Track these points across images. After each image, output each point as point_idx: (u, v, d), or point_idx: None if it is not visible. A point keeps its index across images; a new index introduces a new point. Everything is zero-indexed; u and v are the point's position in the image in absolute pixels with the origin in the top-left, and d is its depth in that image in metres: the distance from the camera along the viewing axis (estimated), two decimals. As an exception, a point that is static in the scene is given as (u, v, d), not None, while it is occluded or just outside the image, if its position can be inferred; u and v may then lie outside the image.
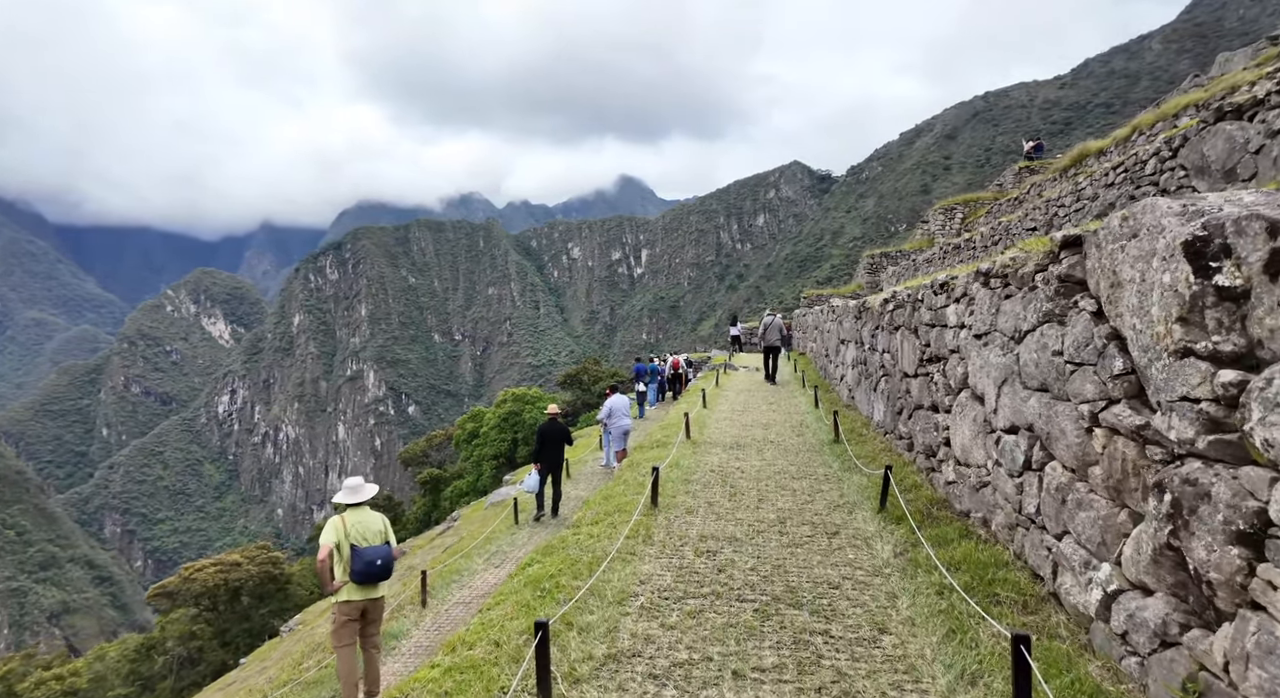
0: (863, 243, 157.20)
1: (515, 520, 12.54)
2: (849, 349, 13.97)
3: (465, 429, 49.04)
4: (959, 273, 6.62)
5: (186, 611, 41.15)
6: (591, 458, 18.33)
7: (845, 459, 8.80)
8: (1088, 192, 12.65)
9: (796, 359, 24.33)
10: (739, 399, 15.78)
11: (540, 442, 11.77)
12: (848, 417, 11.59)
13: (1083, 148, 20.39)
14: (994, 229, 18.03)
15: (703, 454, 9.63)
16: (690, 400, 16.35)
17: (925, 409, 7.41)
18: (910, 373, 8.05)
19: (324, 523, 8.72)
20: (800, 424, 12.14)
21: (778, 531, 6.08)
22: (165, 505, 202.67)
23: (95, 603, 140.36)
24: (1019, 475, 4.81)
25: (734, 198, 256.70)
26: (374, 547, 5.88)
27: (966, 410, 5.96)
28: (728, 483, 7.84)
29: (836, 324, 16.41)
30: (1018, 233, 16.29)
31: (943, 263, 22.73)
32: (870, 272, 36.77)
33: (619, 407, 14.53)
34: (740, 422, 12.59)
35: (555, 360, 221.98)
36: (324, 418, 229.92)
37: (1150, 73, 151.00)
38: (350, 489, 6.34)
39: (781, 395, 16.37)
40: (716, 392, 17.38)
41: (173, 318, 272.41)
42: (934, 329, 7.09)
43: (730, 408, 14.39)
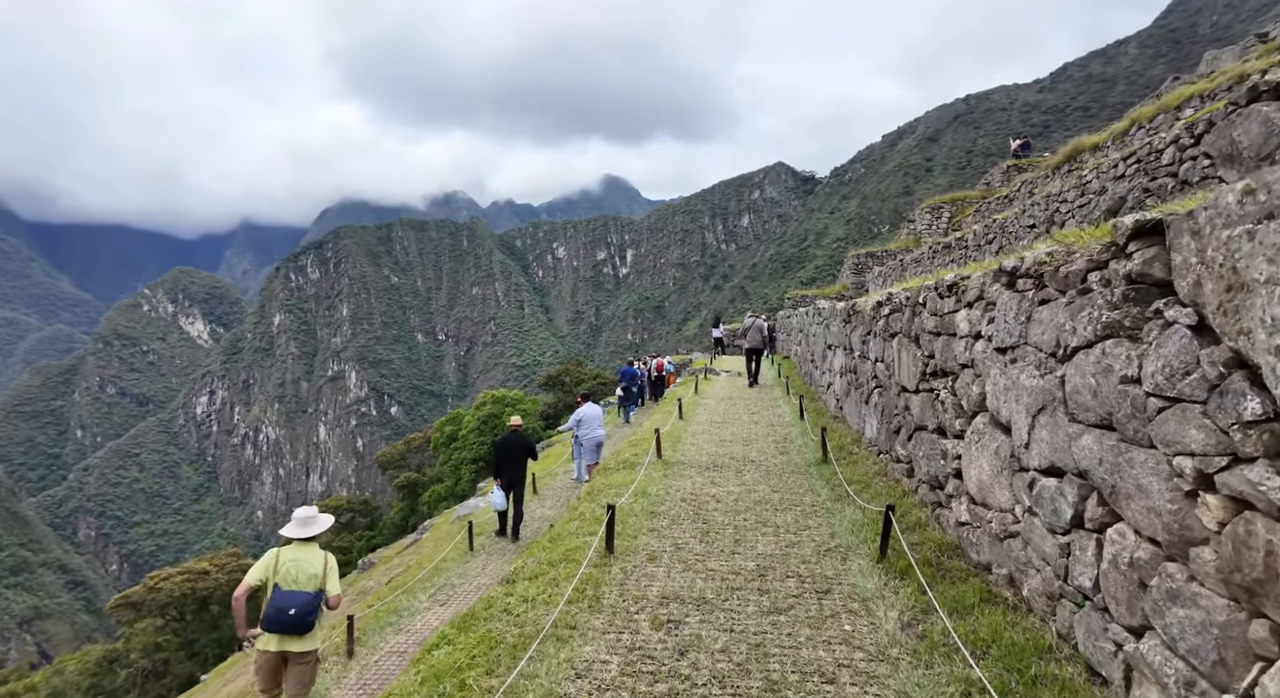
0: (846, 244, 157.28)
1: (470, 546, 11.39)
2: (837, 355, 12.85)
3: (444, 432, 47.85)
4: (969, 272, 5.57)
5: (152, 621, 39.58)
6: (563, 470, 17.20)
7: (835, 484, 7.72)
8: (1094, 185, 11.71)
9: (780, 363, 23.21)
10: (719, 408, 14.71)
11: (500, 456, 10.93)
12: (835, 431, 10.58)
13: (1077, 143, 19.58)
14: (988, 227, 17.12)
15: (674, 478, 8.56)
16: (666, 409, 15.28)
17: (929, 432, 6.34)
18: (910, 388, 6.97)
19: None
20: (784, 439, 11.11)
21: (757, 587, 4.96)
22: (141, 508, 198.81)
23: (69, 608, 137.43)
24: (1064, 533, 3.73)
25: (719, 198, 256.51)
26: (294, 592, 5.08)
27: (985, 439, 4.88)
28: (700, 517, 6.73)
29: (823, 328, 15.23)
30: (1014, 231, 15.36)
31: (932, 263, 21.80)
32: (855, 272, 35.92)
33: (591, 416, 13.53)
34: (719, 436, 11.53)
35: (540, 361, 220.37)
36: (305, 419, 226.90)
37: (1127, 77, 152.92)
38: (300, 522, 5.57)
39: (764, 404, 15.34)
40: (695, 399, 16.34)
41: (149, 317, 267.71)
42: (939, 338, 6.03)
43: (709, 419, 13.33)
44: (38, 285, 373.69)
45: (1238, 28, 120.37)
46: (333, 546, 43.61)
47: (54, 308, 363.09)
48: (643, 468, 8.83)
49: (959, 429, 5.52)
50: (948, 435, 5.83)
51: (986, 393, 4.90)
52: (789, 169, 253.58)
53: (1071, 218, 12.42)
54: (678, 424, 12.63)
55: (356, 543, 44.14)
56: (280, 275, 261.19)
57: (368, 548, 39.62)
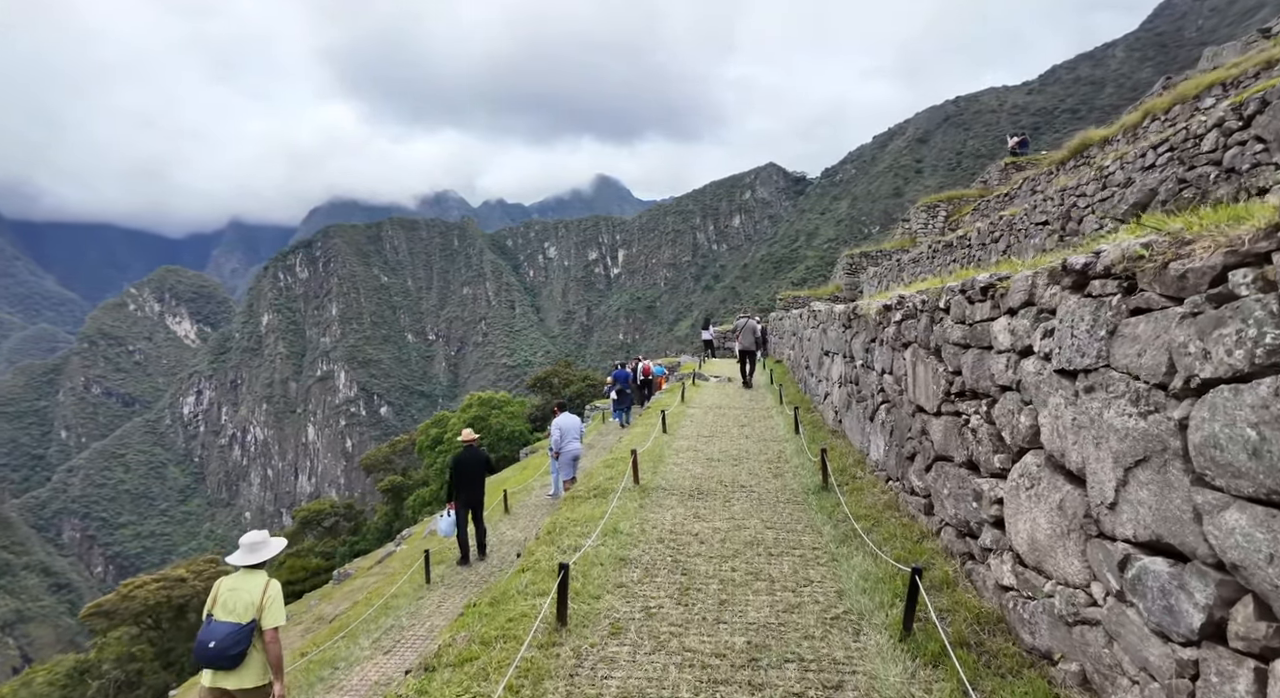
0: (837, 244, 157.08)
1: (426, 578, 10.30)
2: (835, 363, 11.73)
3: (429, 435, 46.68)
4: (1009, 271, 4.46)
5: (127, 630, 38.29)
6: (540, 484, 16.10)
7: (839, 519, 6.66)
8: (1117, 177, 10.64)
9: (773, 368, 22.02)
10: (706, 420, 13.56)
11: (455, 475, 10.28)
12: (835, 448, 9.52)
13: (1084, 137, 18.75)
14: (994, 225, 16.01)
15: (653, 508, 7.44)
16: (649, 421, 14.11)
17: (956, 465, 5.24)
18: (929, 409, 5.87)
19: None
20: (778, 457, 9.99)
21: (747, 680, 3.78)
22: (127, 510, 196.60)
23: (52, 611, 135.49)
24: (1187, 645, 2.62)
25: (710, 199, 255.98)
26: (218, 624, 4.77)
27: (1042, 488, 3.78)
28: (680, 565, 5.63)
29: (819, 333, 14.06)
30: (1023, 228, 14.21)
31: (932, 263, 20.76)
32: (849, 272, 34.97)
33: (568, 428, 12.65)
34: (705, 454, 10.41)
35: (531, 361, 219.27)
36: (293, 419, 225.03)
37: (1115, 80, 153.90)
38: (247, 548, 5.19)
39: (755, 414, 14.19)
40: (681, 409, 15.14)
41: (136, 317, 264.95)
42: (968, 352, 4.93)
43: (695, 433, 12.20)
44: (22, 284, 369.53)
45: (1223, 31, 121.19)
46: (316, 551, 42.46)
47: (38, 307, 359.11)
48: (616, 495, 7.75)
49: (998, 467, 4.41)
50: (982, 472, 4.72)
51: (1042, 427, 3.79)
52: (780, 170, 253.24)
53: (1091, 213, 11.42)
54: (660, 439, 11.59)
55: (340, 548, 43.06)
56: (269, 275, 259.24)
57: (351, 554, 38.61)
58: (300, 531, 46.82)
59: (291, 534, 46.73)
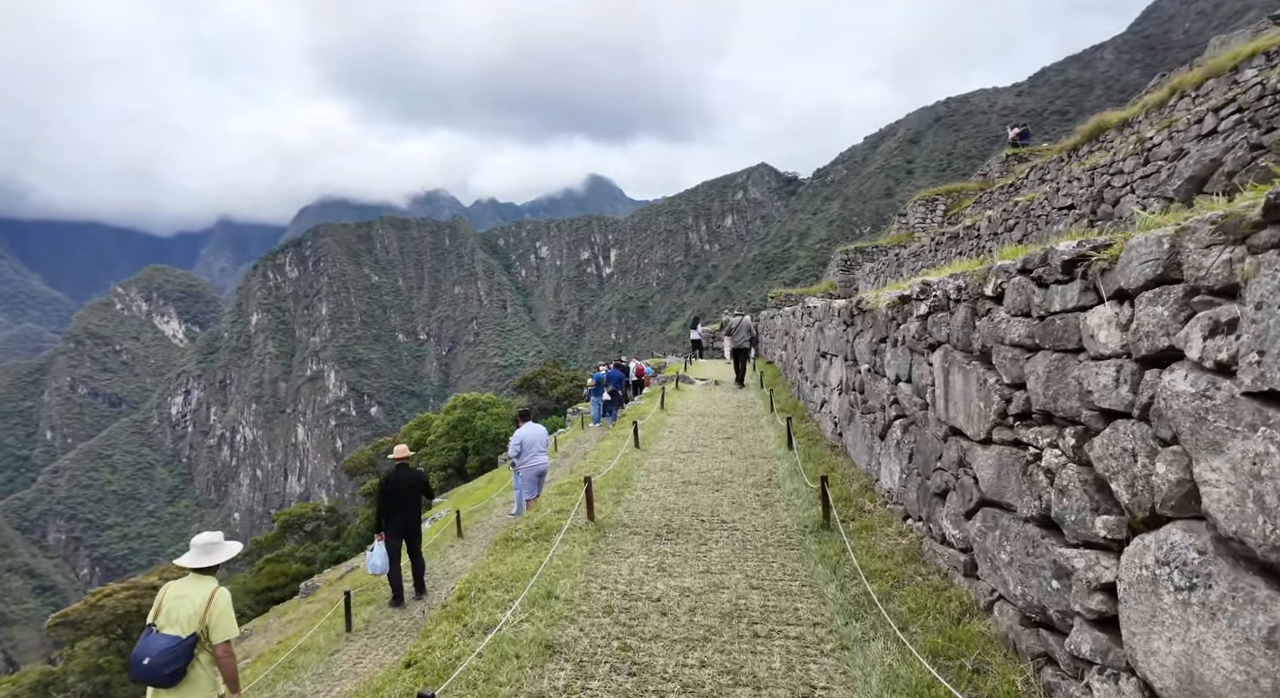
0: (829, 245, 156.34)
1: (346, 625, 8.72)
2: (833, 367, 10.34)
3: (411, 438, 45.47)
4: (1110, 238, 2.90)
5: (95, 641, 36.77)
6: (503, 501, 14.58)
7: (846, 576, 5.19)
8: (1164, 149, 9.19)
9: (763, 371, 20.70)
10: (687, 431, 12.11)
11: (386, 500, 8.87)
12: (836, 469, 8.08)
13: (1100, 120, 17.56)
14: (1007, 213, 14.65)
15: (605, 557, 5.98)
16: (620, 432, 12.55)
17: (1020, 519, 3.65)
18: (973, 434, 4.32)
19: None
20: (768, 480, 8.52)
21: None
22: (114, 511, 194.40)
23: (36, 615, 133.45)
24: None
25: (702, 199, 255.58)
26: (156, 637, 4.32)
27: (1215, 596, 2.19)
28: (628, 658, 4.12)
29: (815, 332, 12.69)
30: (1043, 214, 12.90)
31: (934, 256, 19.52)
32: (844, 269, 33.89)
33: (532, 440, 11.22)
34: (682, 475, 8.94)
35: (523, 360, 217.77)
36: (283, 420, 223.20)
37: (1103, 81, 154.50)
38: (199, 549, 4.75)
39: (743, 424, 12.80)
40: (660, 417, 13.68)
41: (123, 316, 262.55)
42: (1038, 356, 3.38)
43: (674, 447, 10.71)
44: (7, 283, 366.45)
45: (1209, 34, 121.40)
46: (296, 555, 41.03)
47: (23, 306, 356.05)
48: (561, 534, 6.23)
49: (1103, 537, 2.86)
50: (1069, 537, 3.16)
51: (1207, 487, 2.22)
52: (772, 170, 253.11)
53: (1129, 192, 9.97)
54: (631, 456, 10.03)
55: (320, 553, 41.65)
56: (258, 274, 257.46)
57: (331, 559, 37.23)
58: (281, 534, 45.44)
59: (273, 538, 45.44)
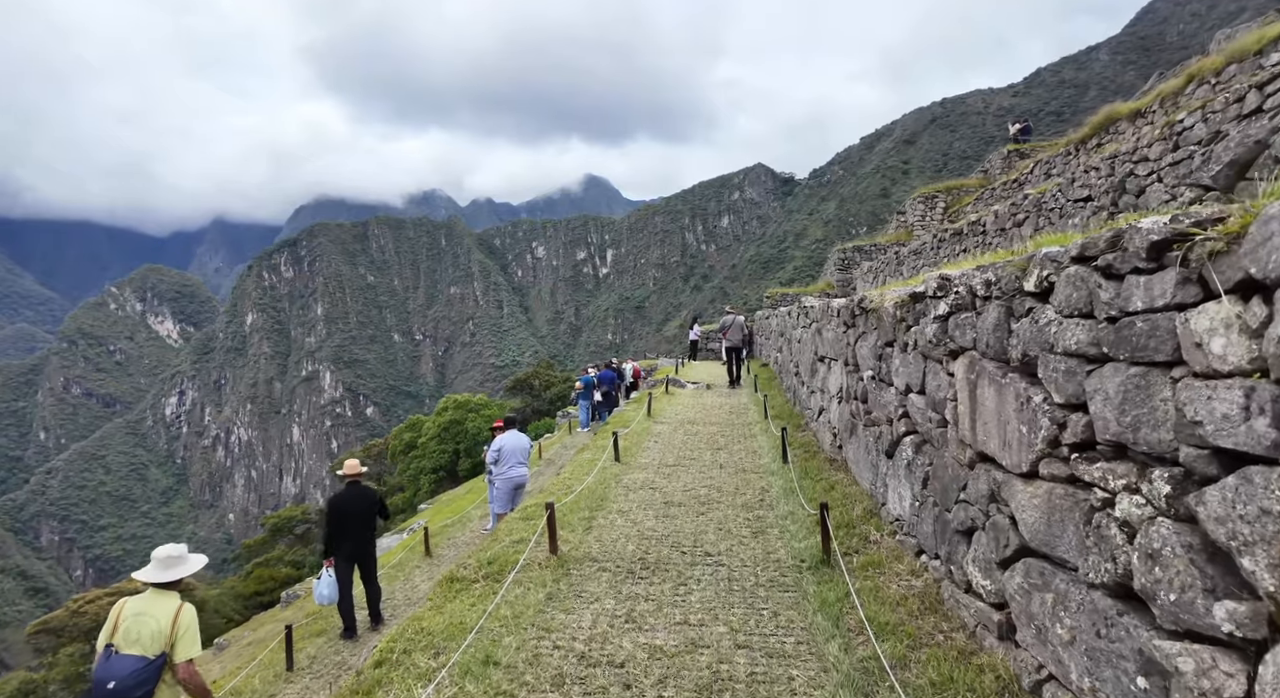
0: (825, 245, 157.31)
1: (288, 663, 8.20)
2: (832, 372, 9.66)
3: (402, 440, 45.49)
4: (1256, 205, 2.18)
5: (78, 648, 35.81)
6: (480, 514, 14.23)
7: (851, 630, 4.70)
8: (1197, 132, 8.65)
9: (757, 373, 20.28)
10: (674, 441, 11.61)
11: (335, 521, 8.05)
12: (837, 487, 7.73)
13: (1110, 111, 16.84)
14: (1016, 206, 14.26)
15: (564, 604, 5.35)
16: (600, 443, 11.85)
17: (1084, 583, 3.01)
18: (1013, 465, 3.65)
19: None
20: (760, 500, 8.00)
21: None
22: (108, 512, 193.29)
23: (29, 616, 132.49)
24: None
25: (699, 199, 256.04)
26: (120, 658, 4.03)
27: None
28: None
29: (812, 334, 11.97)
30: (1057, 208, 12.49)
31: (936, 254, 19.07)
32: (841, 268, 33.47)
33: (511, 449, 10.62)
34: (664, 494, 8.36)
35: (519, 361, 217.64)
36: (278, 420, 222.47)
37: (1098, 82, 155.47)
38: (160, 562, 4.50)
39: (735, 432, 12.39)
40: (646, 425, 13.10)
41: (117, 316, 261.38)
42: (1105, 369, 2.77)
43: (657, 460, 10.18)
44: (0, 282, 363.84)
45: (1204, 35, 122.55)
46: (286, 559, 40.87)
47: (16, 306, 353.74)
48: (516, 572, 5.63)
49: (1229, 632, 2.08)
50: (1166, 623, 2.39)
51: None
52: (768, 170, 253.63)
53: (1157, 181, 9.46)
54: (609, 471, 9.39)
55: (310, 557, 41.56)
56: (253, 274, 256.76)
57: (320, 564, 36.72)
58: (271, 538, 45.20)
59: (262, 542, 45.12)
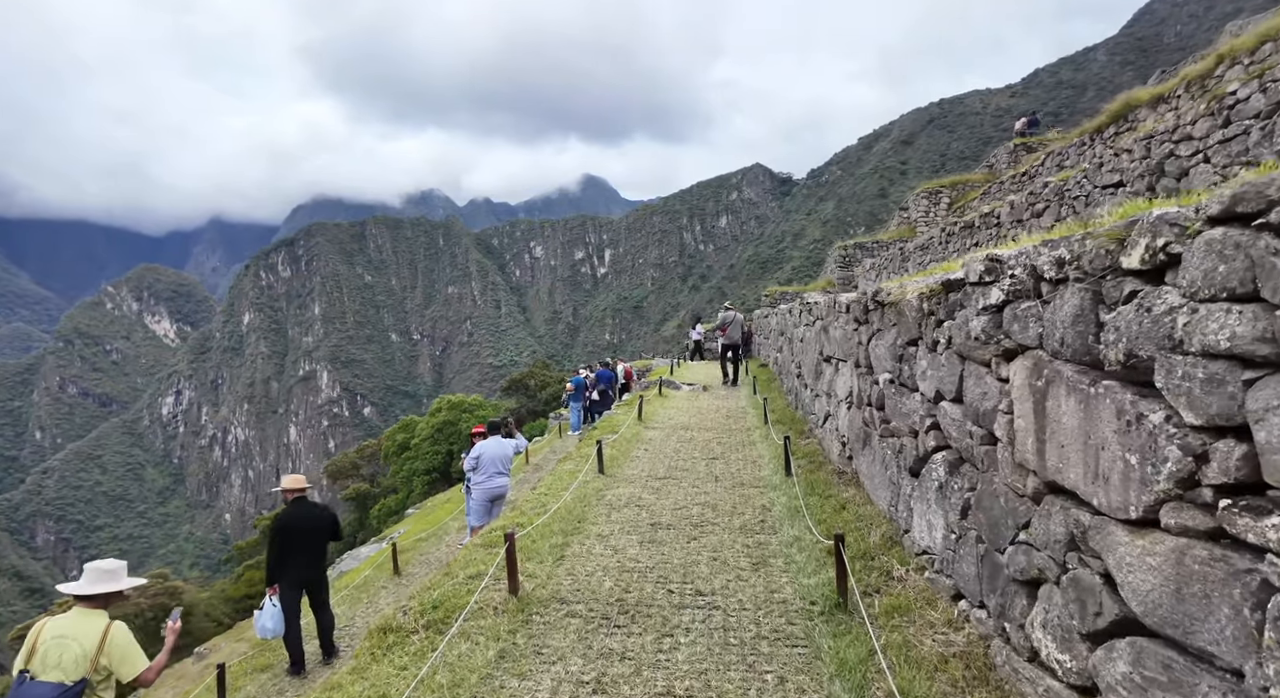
0: (823, 245, 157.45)
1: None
2: (840, 374, 8.74)
3: (395, 441, 45.04)
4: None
5: None
6: (458, 526, 13.21)
7: None
8: (1252, 105, 7.94)
9: (756, 374, 19.39)
10: (666, 449, 10.67)
11: (281, 543, 6.99)
12: (849, 506, 6.77)
13: (1128, 97, 15.67)
14: (1035, 195, 13.10)
15: (517, 667, 4.35)
16: (584, 451, 10.77)
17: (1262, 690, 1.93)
18: (1111, 507, 2.59)
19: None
20: (762, 523, 7.01)
21: None
22: (104, 512, 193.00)
23: (24, 617, 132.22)
24: None
25: (697, 199, 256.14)
26: (36, 685, 3.71)
27: None
28: None
29: (817, 332, 10.99)
30: (1082, 195, 11.35)
31: (945, 248, 17.86)
32: (842, 266, 32.32)
33: (492, 456, 9.61)
34: (651, 514, 7.41)
35: (517, 361, 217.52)
36: (275, 420, 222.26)
37: (1096, 83, 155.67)
38: (91, 575, 4.18)
39: (733, 439, 11.44)
40: (637, 430, 12.05)
41: (113, 315, 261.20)
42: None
43: (646, 471, 9.23)
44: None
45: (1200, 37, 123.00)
46: None
47: (12, 305, 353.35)
48: (461, 621, 4.76)
49: None
50: None
51: None
52: (766, 170, 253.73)
53: (1203, 160, 8.59)
54: (591, 485, 8.41)
55: None
56: (250, 273, 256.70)
57: None
58: (261, 540, 44.75)
59: (254, 544, 44.65)
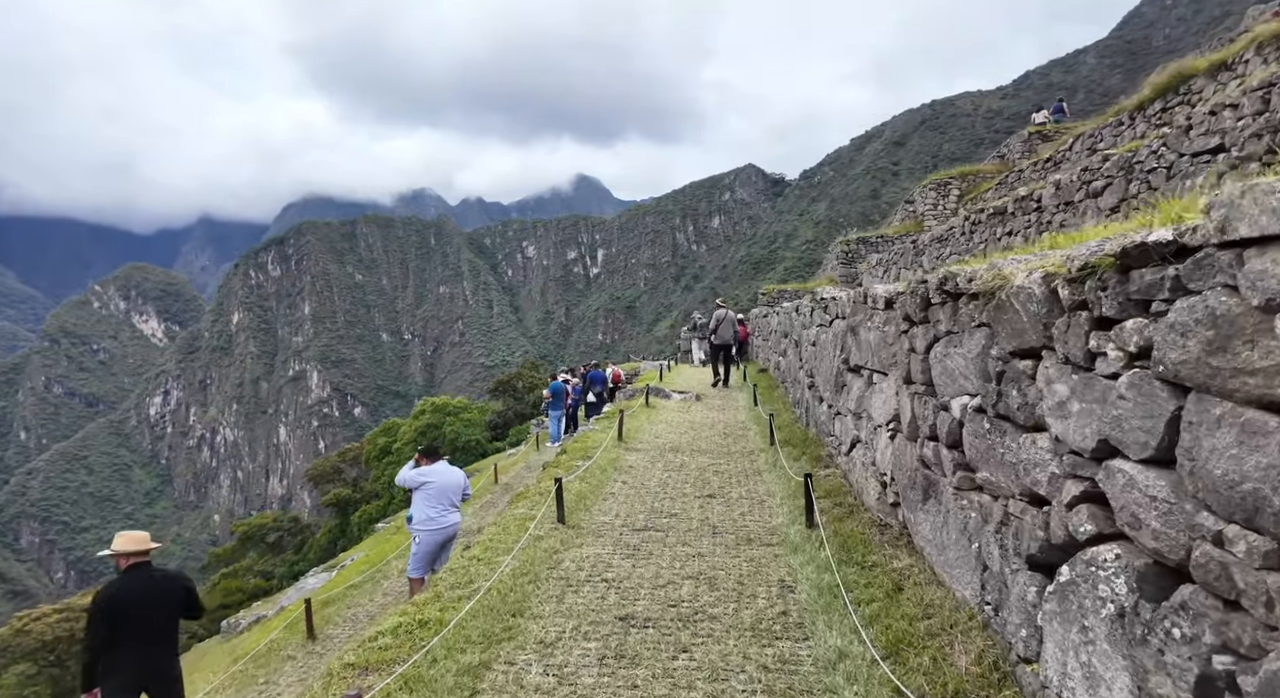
0: (815, 246, 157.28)
1: None
2: (877, 391, 6.33)
3: (377, 445, 43.96)
4: None
5: (24, 668, 33.68)
6: (399, 569, 11.21)
7: None
8: None
9: (756, 380, 17.33)
10: (650, 484, 8.27)
11: (109, 627, 4.97)
12: (907, 589, 4.50)
13: (1179, 67, 13.83)
14: (1089, 173, 10.43)
15: None
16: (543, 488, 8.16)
17: None
18: None
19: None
20: (781, 615, 4.64)
21: None
22: (90, 513, 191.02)
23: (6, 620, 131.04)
24: None
25: (689, 199, 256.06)
26: None
27: None
28: None
29: (837, 335, 8.53)
30: (1160, 166, 9.02)
31: (969, 239, 15.23)
32: (845, 262, 30.72)
33: (440, 488, 7.33)
34: (621, 596, 5.05)
35: (509, 361, 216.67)
36: (264, 420, 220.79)
37: (1086, 85, 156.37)
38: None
39: (734, 468, 9.13)
40: (616, 453, 9.97)
41: (100, 315, 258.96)
42: None
43: (622, 519, 6.92)
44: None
45: (1189, 40, 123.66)
46: (255, 570, 39.50)
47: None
48: None
49: None
50: None
51: None
52: (759, 171, 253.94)
53: None
54: (542, 544, 6.10)
55: (279, 568, 39.47)
56: (240, 272, 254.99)
57: (290, 575, 35.42)
58: (241, 547, 43.47)
59: (231, 551, 43.54)
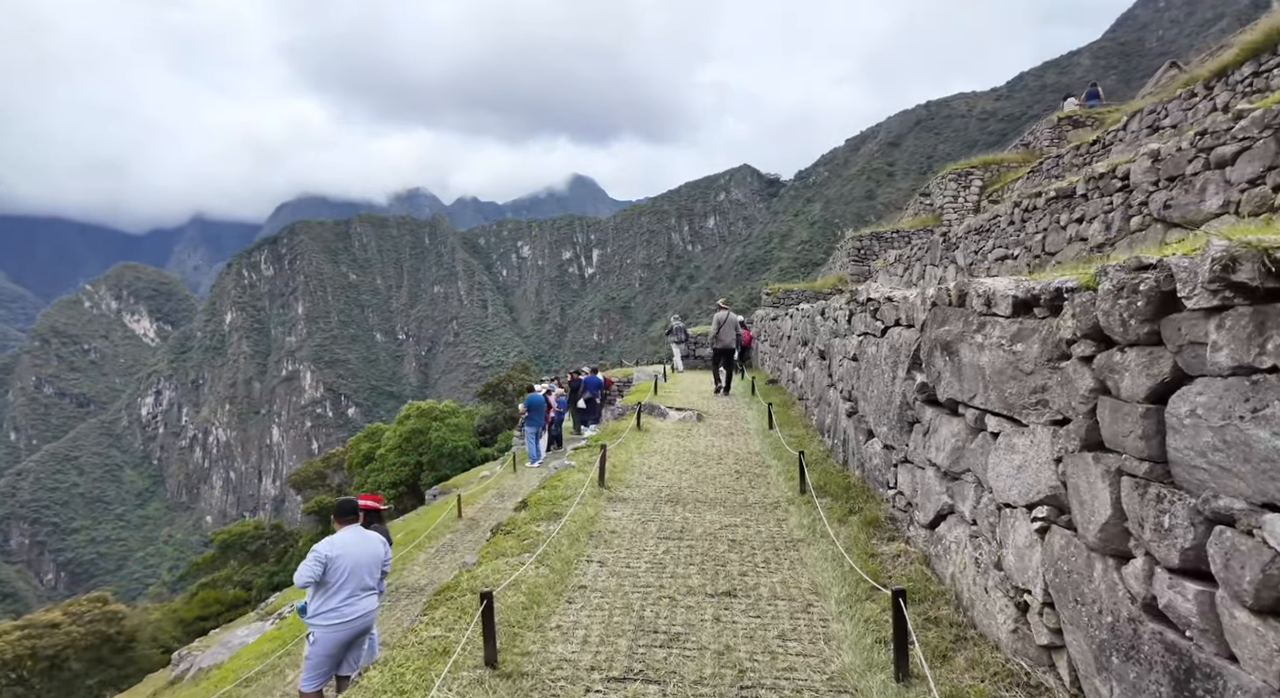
0: (810, 246, 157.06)
1: None
2: (1006, 446, 3.84)
3: (360, 451, 42.95)
4: None
5: None
6: (294, 670, 9.11)
7: None
8: None
9: (763, 390, 15.70)
10: (638, 566, 5.85)
11: None
12: None
13: (1275, 23, 11.35)
14: (1212, 137, 6.92)
15: None
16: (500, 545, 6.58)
17: None
18: None
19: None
20: None
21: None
22: (80, 514, 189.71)
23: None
24: None
25: (685, 199, 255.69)
26: None
27: None
28: None
29: (897, 350, 6.19)
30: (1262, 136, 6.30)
31: (1021, 228, 11.80)
32: (857, 259, 28.52)
33: (356, 562, 5.65)
34: None
35: (504, 361, 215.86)
36: (257, 420, 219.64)
37: (1080, 87, 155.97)
38: None
39: (754, 531, 6.70)
40: (596, 507, 7.54)
41: (91, 314, 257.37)
42: None
43: (598, 626, 4.71)
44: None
45: (1182, 41, 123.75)
46: (234, 579, 38.35)
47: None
48: None
49: None
50: None
51: None
52: (754, 171, 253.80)
53: None
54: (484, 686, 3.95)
55: (259, 579, 38.07)
56: (233, 272, 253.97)
57: (270, 586, 34.25)
58: (221, 555, 42.32)
59: (211, 560, 42.42)
